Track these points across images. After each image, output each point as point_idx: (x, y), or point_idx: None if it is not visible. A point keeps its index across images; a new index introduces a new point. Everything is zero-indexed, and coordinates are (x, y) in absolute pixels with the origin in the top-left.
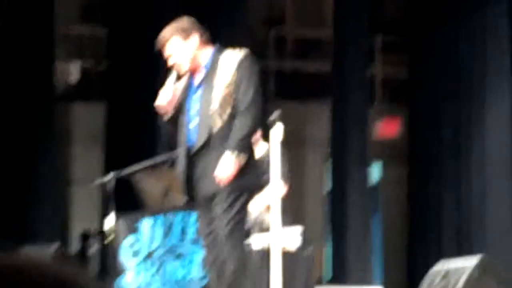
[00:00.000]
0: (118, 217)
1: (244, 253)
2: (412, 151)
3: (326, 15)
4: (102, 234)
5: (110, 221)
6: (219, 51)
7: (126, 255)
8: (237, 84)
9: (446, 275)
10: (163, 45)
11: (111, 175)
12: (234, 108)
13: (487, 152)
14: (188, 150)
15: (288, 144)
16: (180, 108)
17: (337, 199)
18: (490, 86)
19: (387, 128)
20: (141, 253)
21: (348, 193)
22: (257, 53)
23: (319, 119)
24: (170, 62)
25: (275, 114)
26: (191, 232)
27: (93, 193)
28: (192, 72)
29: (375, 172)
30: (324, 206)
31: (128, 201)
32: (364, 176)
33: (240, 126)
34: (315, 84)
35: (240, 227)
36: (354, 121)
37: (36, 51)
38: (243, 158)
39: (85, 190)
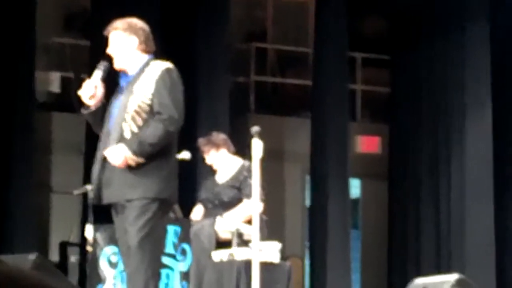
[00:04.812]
0: (97, 227)
1: (153, 265)
2: (392, 167)
3: (307, 31)
4: (81, 244)
5: (89, 231)
6: (150, 60)
7: (105, 265)
8: (155, 96)
9: None
10: (108, 33)
11: (90, 185)
12: (148, 120)
13: (466, 169)
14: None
15: (268, 158)
16: (103, 107)
17: (317, 214)
18: (470, 103)
19: (367, 143)
20: (119, 264)
21: (327, 207)
22: (238, 67)
23: (299, 133)
24: (108, 51)
25: (254, 130)
26: (169, 245)
27: (73, 203)
28: (124, 74)
29: (355, 187)
30: (304, 220)
31: (107, 212)
32: (344, 191)
33: (149, 133)
34: (295, 99)
35: (150, 239)
36: (334, 136)
37: (17, 61)
38: (136, 160)
39: (65, 200)
